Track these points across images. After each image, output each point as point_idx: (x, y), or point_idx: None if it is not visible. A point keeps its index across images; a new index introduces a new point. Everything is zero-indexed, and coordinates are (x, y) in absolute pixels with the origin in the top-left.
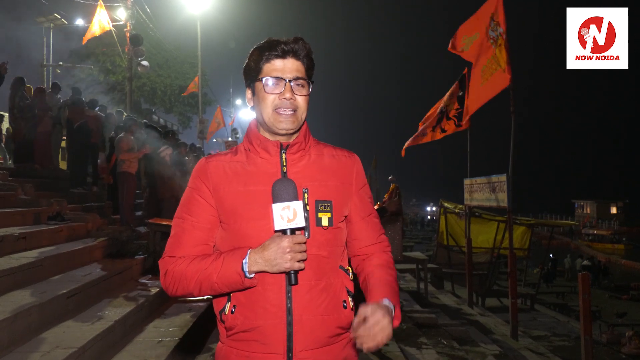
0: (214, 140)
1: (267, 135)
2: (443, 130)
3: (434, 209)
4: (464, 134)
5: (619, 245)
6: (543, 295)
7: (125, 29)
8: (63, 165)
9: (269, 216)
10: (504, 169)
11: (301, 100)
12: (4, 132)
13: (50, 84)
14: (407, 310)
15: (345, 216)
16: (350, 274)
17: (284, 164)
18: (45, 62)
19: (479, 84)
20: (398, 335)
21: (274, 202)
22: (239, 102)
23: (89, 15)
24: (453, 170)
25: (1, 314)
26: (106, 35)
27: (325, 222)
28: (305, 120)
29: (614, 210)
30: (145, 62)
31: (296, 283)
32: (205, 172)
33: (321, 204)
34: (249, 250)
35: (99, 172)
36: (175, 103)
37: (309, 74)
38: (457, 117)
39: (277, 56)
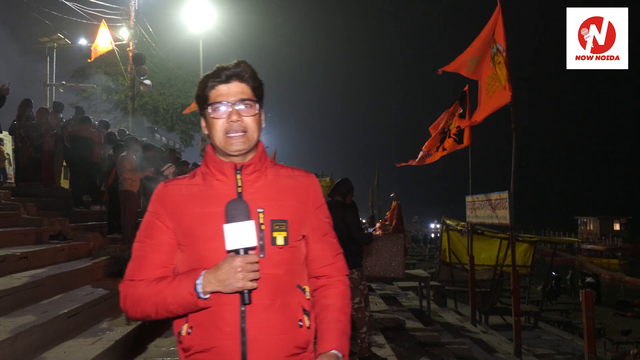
0: None
1: (222, 158)
2: (443, 149)
3: (438, 226)
4: (466, 151)
5: (613, 260)
6: (547, 312)
7: (127, 49)
8: (65, 183)
9: (224, 237)
10: (506, 185)
11: (249, 121)
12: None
13: (53, 103)
14: (410, 328)
15: (304, 235)
16: (308, 292)
17: (239, 185)
18: (48, 82)
19: (484, 102)
20: (400, 354)
21: (226, 223)
22: None
23: (92, 35)
24: (456, 187)
25: (2, 334)
26: (109, 54)
27: (280, 242)
28: (259, 142)
29: (617, 226)
30: (147, 81)
31: (249, 302)
32: (163, 196)
33: (276, 224)
34: (203, 272)
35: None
36: (177, 121)
37: (257, 94)
38: (457, 134)
39: (221, 82)
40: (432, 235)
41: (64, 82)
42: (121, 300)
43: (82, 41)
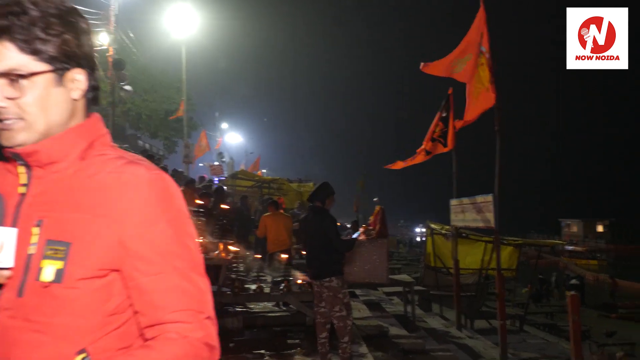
0: (200, 164)
1: None
2: (428, 153)
3: (423, 230)
4: (449, 155)
5: (592, 261)
6: (532, 315)
7: (107, 54)
8: None
9: None
10: (490, 188)
11: (28, 103)
12: None
13: None
14: (393, 335)
15: (115, 270)
16: None
17: (25, 183)
18: None
19: (470, 104)
20: None
21: None
22: (224, 125)
23: None
24: (441, 191)
25: None
26: None
27: (48, 276)
28: (91, 115)
29: (600, 228)
30: (128, 87)
31: None
32: None
33: (51, 247)
34: None
35: None
36: (160, 128)
37: (49, 57)
38: (442, 137)
39: None
40: (418, 238)
41: None
42: None
43: None
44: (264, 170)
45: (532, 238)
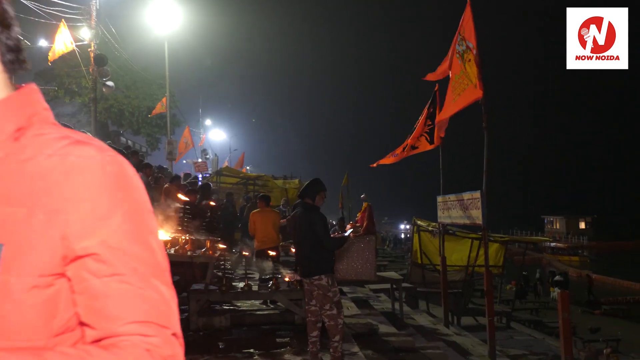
0: (184, 161)
1: None
2: (414, 147)
3: (408, 227)
4: (437, 151)
5: (574, 257)
6: (517, 312)
7: (89, 49)
8: None
9: None
10: (476, 185)
11: None
12: None
13: None
14: (383, 333)
15: (60, 276)
16: None
17: None
18: None
19: (451, 100)
20: None
21: None
22: (208, 122)
23: (52, 35)
24: (427, 188)
25: None
26: (71, 56)
27: None
28: (22, 87)
29: (582, 225)
30: (110, 83)
31: None
32: None
33: None
34: None
35: None
36: (143, 124)
37: None
38: (428, 133)
39: None
40: (402, 235)
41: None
42: None
43: (43, 42)
44: (248, 167)
45: (515, 235)
